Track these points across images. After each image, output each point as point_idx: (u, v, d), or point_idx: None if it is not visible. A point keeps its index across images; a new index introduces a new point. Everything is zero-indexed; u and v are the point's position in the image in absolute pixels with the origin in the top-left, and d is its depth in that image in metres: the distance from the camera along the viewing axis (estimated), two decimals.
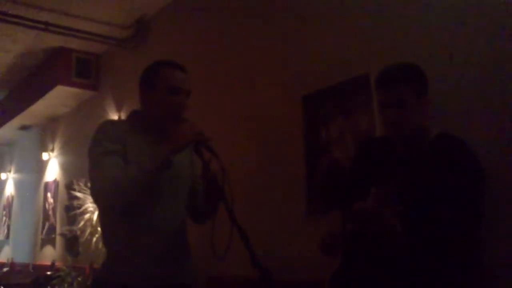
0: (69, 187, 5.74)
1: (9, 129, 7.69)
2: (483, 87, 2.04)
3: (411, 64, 1.73)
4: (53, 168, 6.82)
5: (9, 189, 8.70)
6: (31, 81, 6.40)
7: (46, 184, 6.94)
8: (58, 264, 5.83)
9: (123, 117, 4.81)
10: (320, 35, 2.89)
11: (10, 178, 8.75)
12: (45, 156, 6.95)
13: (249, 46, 3.47)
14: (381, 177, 1.57)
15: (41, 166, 7.17)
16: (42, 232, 6.81)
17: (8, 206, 8.55)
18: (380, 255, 1.55)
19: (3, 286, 5.80)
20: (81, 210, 4.70)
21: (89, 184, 1.76)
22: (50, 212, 6.64)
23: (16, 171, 8.59)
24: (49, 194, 6.79)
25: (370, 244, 1.57)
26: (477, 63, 2.07)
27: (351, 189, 1.76)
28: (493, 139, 1.95)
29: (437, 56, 2.21)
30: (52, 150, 6.89)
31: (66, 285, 4.92)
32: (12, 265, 7.31)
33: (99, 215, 1.89)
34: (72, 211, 5.18)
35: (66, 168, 6.44)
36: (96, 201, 1.73)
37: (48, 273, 5.41)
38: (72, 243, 5.60)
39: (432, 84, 1.76)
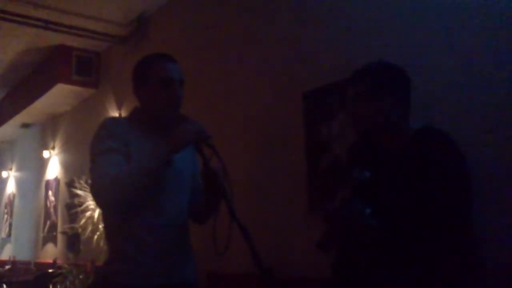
0: (70, 185, 5.75)
1: (10, 127, 7.71)
2: (483, 86, 2.04)
3: (377, 61, 1.73)
4: (54, 166, 6.83)
5: (11, 187, 8.72)
6: (32, 79, 6.40)
7: (47, 182, 6.95)
8: (59, 261, 5.84)
9: (123, 114, 4.81)
10: (321, 31, 2.88)
11: (11, 176, 8.77)
12: (46, 154, 6.96)
13: (250, 43, 3.47)
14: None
15: (42, 164, 7.18)
16: (43, 230, 6.83)
17: (10, 204, 8.57)
18: (362, 252, 1.56)
19: (5, 284, 5.82)
20: (82, 208, 4.71)
21: (89, 182, 1.76)
22: (51, 210, 6.65)
23: (17, 169, 8.61)
24: (50, 192, 6.80)
25: (350, 242, 1.59)
26: (477, 62, 2.07)
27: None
28: (490, 138, 1.95)
29: (437, 54, 2.20)
30: (53, 148, 6.90)
31: (67, 283, 4.93)
32: (14, 263, 7.33)
33: (102, 213, 1.89)
34: (73, 209, 5.19)
35: (67, 166, 6.45)
36: (95, 199, 1.73)
37: (50, 270, 5.42)
38: (73, 240, 5.61)
39: (431, 83, 1.76)
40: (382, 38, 2.49)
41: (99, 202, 1.75)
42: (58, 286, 5.01)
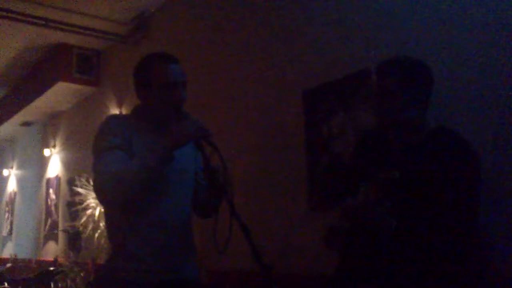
0: (71, 183, 5.75)
1: (11, 126, 7.71)
2: (483, 86, 2.03)
3: (404, 56, 1.73)
4: (55, 164, 6.84)
5: (12, 186, 8.73)
6: (32, 77, 6.40)
7: (48, 180, 6.96)
8: (60, 259, 5.86)
9: (124, 112, 4.81)
10: (321, 30, 2.88)
11: (12, 175, 8.77)
12: (47, 152, 6.96)
13: (250, 41, 3.47)
14: (376, 171, 1.58)
15: (43, 162, 7.19)
16: (44, 228, 6.84)
17: (11, 202, 8.58)
18: (376, 250, 1.56)
19: (7, 282, 5.83)
20: (83, 206, 4.71)
21: (91, 180, 1.76)
22: (52, 208, 6.66)
23: (18, 168, 8.61)
24: (51, 190, 6.81)
25: (365, 239, 1.58)
26: (477, 60, 2.06)
27: (351, 183, 1.77)
28: (493, 138, 1.95)
29: (437, 51, 2.20)
30: (54, 146, 6.91)
31: (69, 281, 4.95)
32: (15, 261, 7.34)
33: (104, 210, 1.90)
34: (74, 207, 5.19)
35: (68, 164, 6.46)
36: (97, 195, 1.74)
37: (51, 268, 5.43)
38: (74, 238, 5.62)
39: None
40: (382, 36, 2.49)
41: (101, 199, 1.76)
42: (59, 284, 5.03)
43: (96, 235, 4.44)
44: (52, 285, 5.11)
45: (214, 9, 3.91)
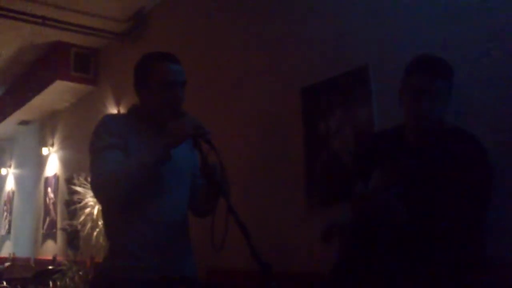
0: (69, 181, 5.75)
1: (9, 125, 7.70)
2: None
3: (437, 56, 1.71)
4: (53, 163, 6.83)
5: (10, 185, 8.72)
6: (30, 76, 6.39)
7: (47, 179, 6.96)
8: (59, 258, 5.86)
9: (122, 111, 4.81)
10: (319, 27, 2.88)
11: (10, 173, 8.77)
12: (45, 151, 6.96)
13: (248, 38, 3.46)
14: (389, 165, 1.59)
15: (41, 161, 7.18)
16: (43, 227, 6.83)
17: (9, 201, 8.57)
18: (383, 242, 1.56)
19: (5, 281, 5.82)
20: (81, 204, 4.71)
21: (89, 178, 1.76)
22: (51, 207, 6.65)
23: (16, 166, 8.61)
24: (49, 189, 6.80)
25: (372, 231, 1.58)
26: (476, 58, 2.06)
27: (356, 179, 1.76)
28: (493, 138, 1.95)
29: (441, 51, 2.19)
30: (52, 145, 6.90)
31: (67, 279, 4.94)
32: (13, 259, 7.34)
33: (102, 209, 1.90)
34: (72, 205, 5.19)
35: (66, 163, 6.45)
36: (95, 194, 1.74)
37: (50, 267, 5.43)
38: (73, 237, 5.62)
39: None
40: (381, 33, 2.49)
41: (99, 198, 1.76)
42: (58, 283, 5.03)
43: (95, 233, 4.44)
44: (50, 284, 5.10)
45: (212, 5, 3.91)
